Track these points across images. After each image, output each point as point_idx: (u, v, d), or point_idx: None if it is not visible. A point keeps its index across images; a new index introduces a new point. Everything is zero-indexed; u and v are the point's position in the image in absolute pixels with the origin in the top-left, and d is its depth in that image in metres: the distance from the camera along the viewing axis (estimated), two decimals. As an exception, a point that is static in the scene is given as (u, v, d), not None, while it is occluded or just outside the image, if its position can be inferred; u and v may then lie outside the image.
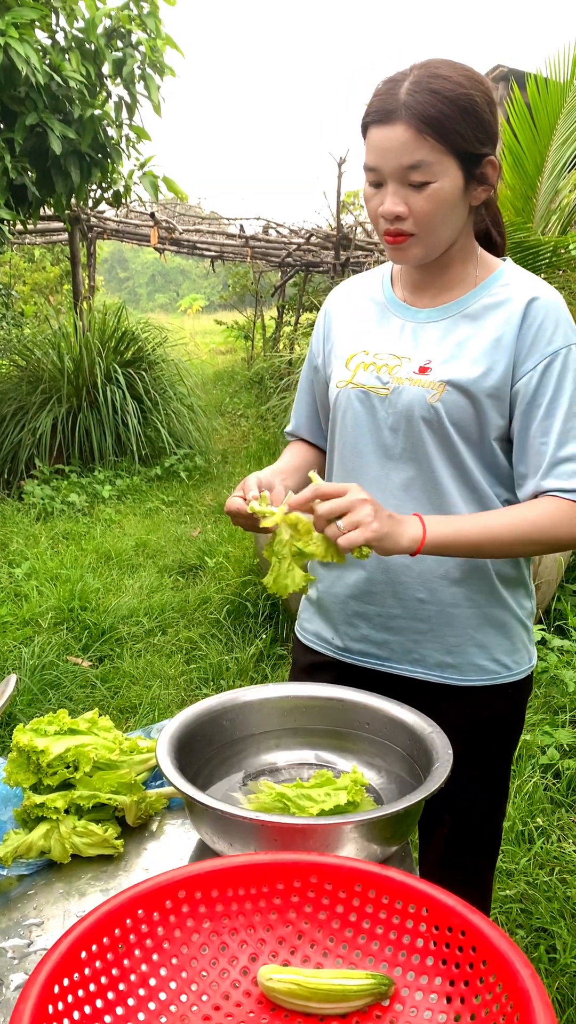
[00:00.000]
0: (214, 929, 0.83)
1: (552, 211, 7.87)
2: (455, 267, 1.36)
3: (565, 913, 2.18)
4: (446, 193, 1.23)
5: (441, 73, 1.21)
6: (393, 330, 1.39)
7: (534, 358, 1.29)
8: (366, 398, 1.37)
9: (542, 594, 3.79)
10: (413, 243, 1.27)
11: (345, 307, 1.49)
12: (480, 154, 1.25)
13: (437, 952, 0.79)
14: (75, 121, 5.15)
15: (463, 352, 1.31)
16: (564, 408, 1.28)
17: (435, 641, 1.38)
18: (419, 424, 1.32)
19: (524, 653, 1.44)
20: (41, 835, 1.07)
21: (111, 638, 3.95)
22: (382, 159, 1.23)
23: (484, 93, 1.24)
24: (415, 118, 1.19)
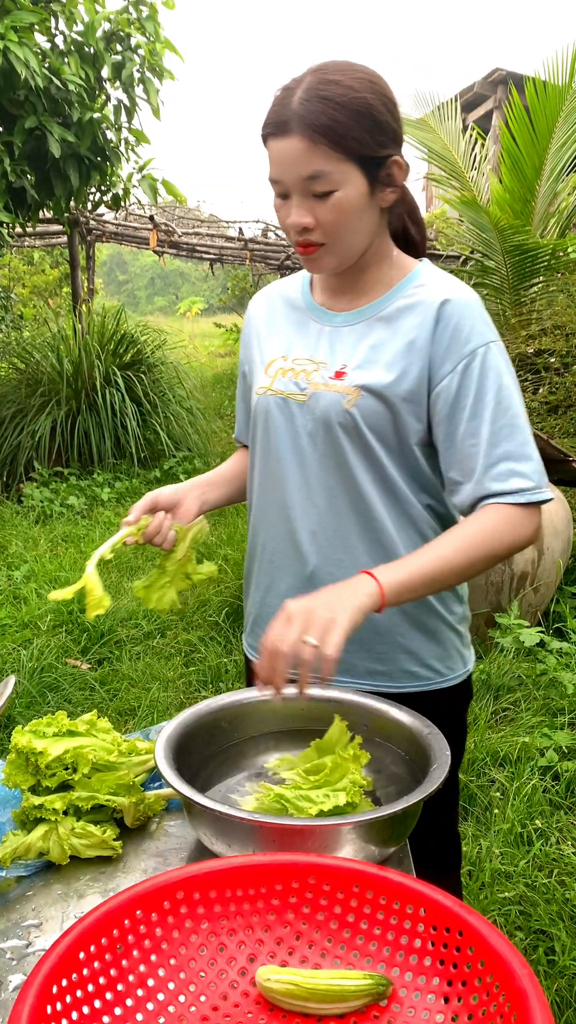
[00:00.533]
0: (212, 930, 0.83)
1: (551, 214, 7.88)
2: (371, 270, 1.34)
3: (564, 915, 2.18)
4: (350, 200, 1.21)
5: (333, 78, 1.18)
6: (311, 335, 1.38)
7: (452, 360, 1.26)
8: (284, 405, 1.36)
9: (540, 596, 3.79)
10: (324, 252, 1.26)
11: (266, 313, 1.48)
12: (381, 156, 1.22)
13: (435, 952, 0.79)
14: (74, 124, 5.16)
15: (377, 356, 1.30)
16: (491, 408, 1.25)
17: (363, 650, 1.36)
18: (336, 430, 1.31)
19: (458, 658, 1.43)
20: (39, 836, 1.07)
21: (110, 641, 3.96)
22: (282, 171, 1.21)
23: (380, 94, 1.21)
24: (307, 128, 1.16)
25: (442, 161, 8.14)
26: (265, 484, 1.42)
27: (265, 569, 1.45)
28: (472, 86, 12.14)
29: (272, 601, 1.43)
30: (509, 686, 3.33)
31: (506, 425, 1.25)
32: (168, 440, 7.26)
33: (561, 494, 3.97)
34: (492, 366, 1.27)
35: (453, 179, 8.18)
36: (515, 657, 3.50)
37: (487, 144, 8.65)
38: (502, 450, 1.25)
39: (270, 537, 1.43)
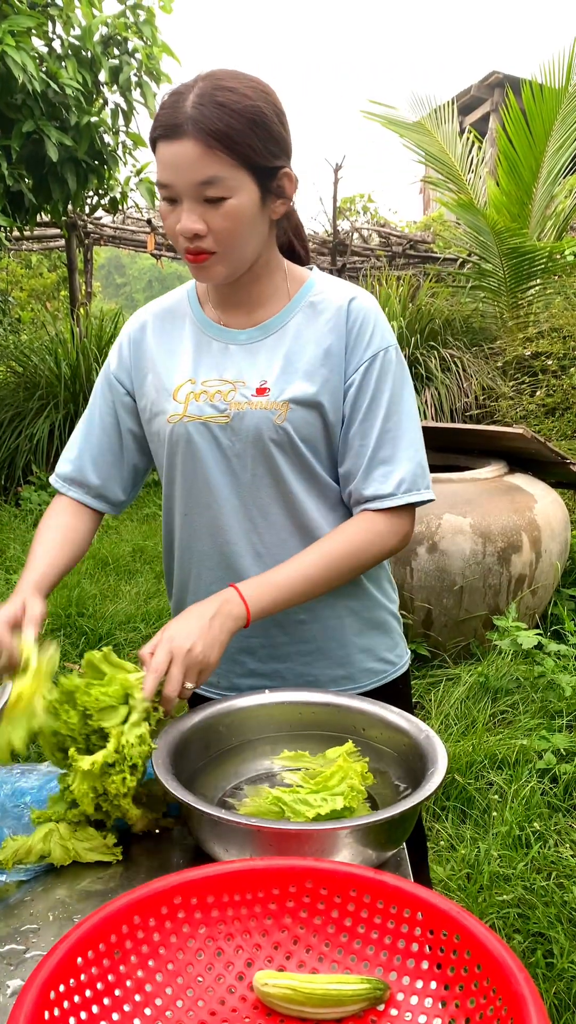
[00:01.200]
0: (210, 934, 0.83)
1: (548, 217, 7.90)
2: (263, 282, 1.33)
3: (562, 918, 2.18)
4: (243, 208, 1.19)
5: (227, 85, 1.17)
6: (215, 354, 1.34)
7: (355, 361, 1.30)
8: (206, 429, 1.31)
9: (538, 599, 3.80)
10: (216, 261, 1.24)
11: (156, 335, 1.40)
12: (274, 167, 1.22)
13: (432, 956, 0.79)
14: (72, 128, 5.16)
15: (295, 366, 1.30)
16: (383, 411, 1.29)
17: (324, 658, 1.38)
18: (269, 447, 1.30)
19: (401, 645, 1.48)
20: (40, 838, 1.07)
21: (108, 644, 3.95)
22: (174, 175, 1.17)
23: (272, 104, 1.21)
24: (203, 132, 1.14)
25: (439, 164, 8.15)
26: (192, 514, 1.37)
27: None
28: (469, 89, 12.17)
29: None
30: (507, 688, 3.34)
31: (391, 429, 1.30)
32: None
33: (559, 496, 3.98)
34: (390, 370, 1.31)
35: (450, 182, 8.20)
36: (513, 660, 3.51)
37: (484, 147, 8.67)
38: (385, 453, 1.30)
39: (206, 568, 1.39)
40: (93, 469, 1.44)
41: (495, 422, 6.31)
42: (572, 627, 3.73)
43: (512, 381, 6.71)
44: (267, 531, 1.34)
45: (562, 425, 6.12)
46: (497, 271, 7.49)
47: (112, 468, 1.45)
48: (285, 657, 1.39)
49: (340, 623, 1.38)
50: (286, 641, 1.38)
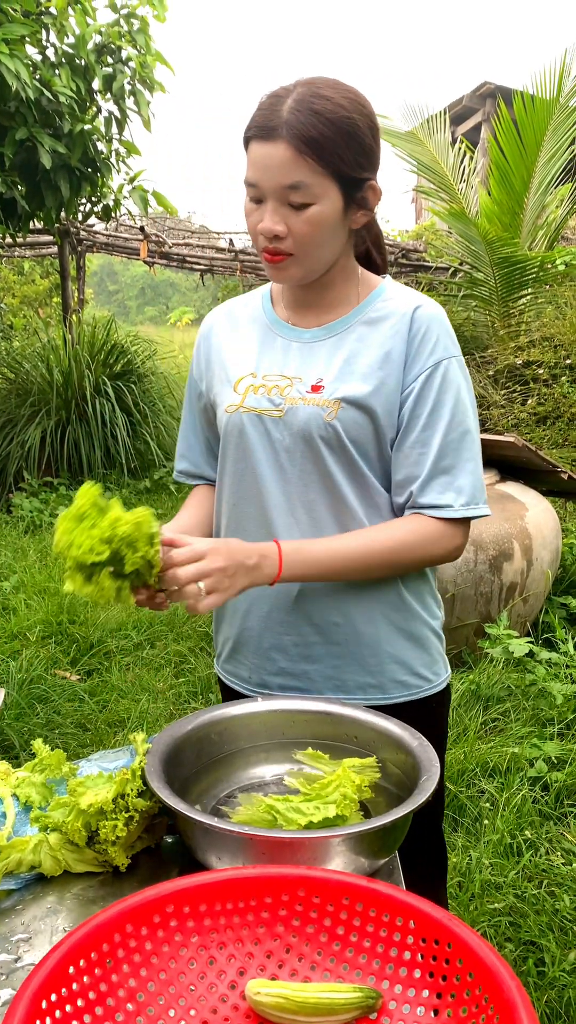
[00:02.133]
0: (202, 943, 0.83)
1: (539, 226, 7.95)
2: (336, 287, 1.35)
3: (554, 926, 2.18)
4: (326, 216, 1.22)
5: (324, 93, 1.19)
6: (279, 351, 1.37)
7: (417, 368, 1.30)
8: (259, 421, 1.34)
9: (530, 607, 3.80)
10: (291, 263, 1.26)
11: (226, 331, 1.46)
12: (361, 178, 1.24)
13: (424, 964, 0.79)
14: (65, 136, 5.17)
15: (353, 368, 1.31)
16: (445, 421, 1.29)
17: (355, 663, 1.37)
18: (318, 443, 1.31)
19: (440, 663, 1.46)
20: (31, 849, 1.07)
21: (100, 651, 3.95)
22: (262, 176, 1.21)
23: (367, 117, 1.23)
24: (296, 138, 1.17)
25: (431, 173, 8.19)
26: (240, 505, 1.40)
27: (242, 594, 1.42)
28: (461, 99, 12.24)
29: (253, 625, 1.41)
30: (498, 696, 3.34)
31: (455, 440, 1.30)
32: (158, 450, 7.27)
33: (549, 505, 3.99)
34: (453, 380, 1.30)
35: (442, 191, 8.24)
36: (504, 667, 3.51)
37: (476, 157, 8.72)
38: (446, 463, 1.29)
39: None
40: (204, 460, 1.54)
41: (487, 430, 6.33)
42: (563, 635, 3.74)
43: (503, 390, 6.74)
44: (311, 528, 1.34)
45: (553, 433, 6.15)
46: (489, 280, 7.52)
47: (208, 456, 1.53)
48: (316, 659, 1.38)
49: (375, 630, 1.37)
50: (318, 642, 1.37)
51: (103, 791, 1.09)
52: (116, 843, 1.05)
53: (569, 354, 6.50)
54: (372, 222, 1.36)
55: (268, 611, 1.39)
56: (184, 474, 1.57)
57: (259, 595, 1.38)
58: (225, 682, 1.51)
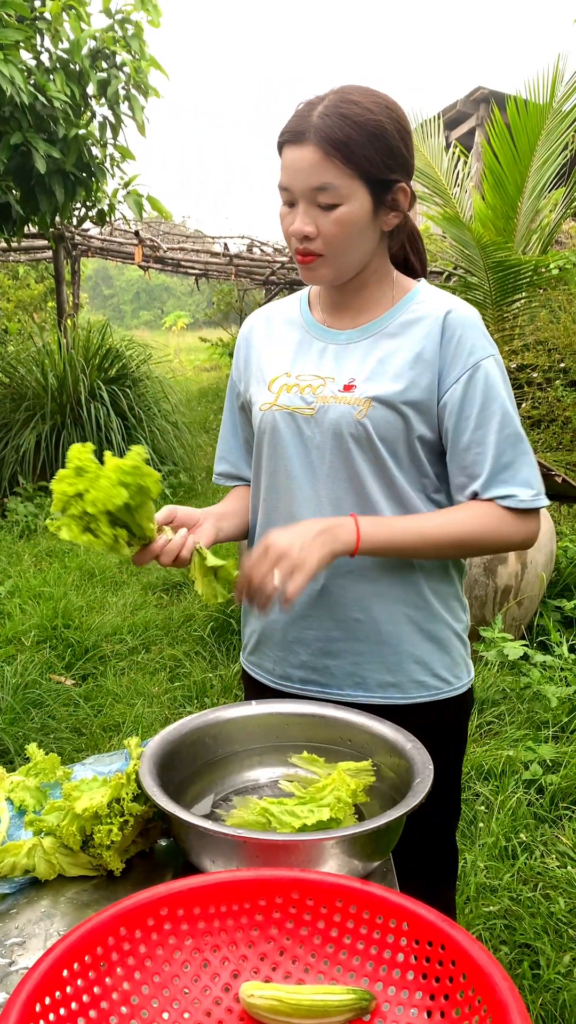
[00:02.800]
0: (196, 946, 0.83)
1: (533, 231, 7.97)
2: (370, 289, 1.38)
3: (548, 929, 2.18)
4: (354, 216, 1.25)
5: (353, 99, 1.24)
6: (314, 352, 1.40)
7: (457, 370, 1.31)
8: (291, 419, 1.37)
9: (524, 610, 3.81)
10: (322, 263, 1.29)
11: (264, 333, 1.49)
12: (389, 180, 1.27)
13: (418, 966, 0.80)
14: (60, 140, 5.17)
15: (385, 368, 1.33)
16: (496, 418, 1.31)
17: (375, 661, 1.38)
18: (347, 441, 1.33)
19: (463, 667, 1.46)
20: (24, 853, 1.07)
21: (94, 656, 3.94)
22: (293, 179, 1.25)
23: (395, 121, 1.26)
24: (323, 140, 1.21)
25: (425, 178, 8.21)
26: (271, 500, 1.43)
27: None
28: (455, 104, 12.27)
29: (278, 618, 1.43)
30: (493, 699, 3.34)
31: (511, 435, 1.32)
32: (153, 454, 7.27)
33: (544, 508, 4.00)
34: (495, 378, 1.32)
35: (436, 196, 8.25)
36: (499, 670, 3.52)
37: (470, 161, 8.74)
38: (507, 458, 1.31)
39: None
40: (243, 461, 1.57)
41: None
42: (557, 638, 3.75)
43: (498, 393, 6.74)
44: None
45: (547, 437, 6.17)
46: (483, 284, 7.54)
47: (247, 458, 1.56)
48: (337, 654, 1.39)
49: (396, 629, 1.37)
50: (339, 637, 1.38)
51: (98, 795, 1.09)
52: (111, 847, 1.05)
53: (563, 358, 6.53)
54: (408, 225, 1.39)
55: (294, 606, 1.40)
56: (224, 476, 1.60)
57: None
58: (250, 674, 1.54)
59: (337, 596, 1.37)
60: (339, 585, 1.36)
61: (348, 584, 1.36)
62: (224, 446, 1.60)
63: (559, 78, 7.19)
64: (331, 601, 1.37)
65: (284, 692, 1.45)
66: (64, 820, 1.07)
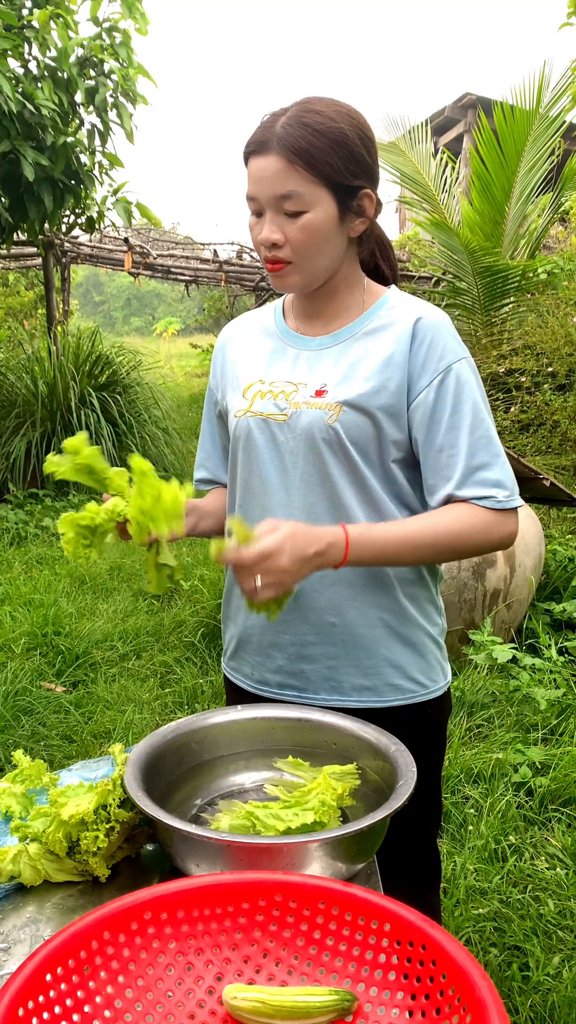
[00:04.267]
0: (179, 949, 0.84)
1: (520, 236, 8.01)
2: (341, 295, 1.40)
3: (538, 931, 2.19)
4: (320, 222, 1.27)
5: (315, 108, 1.26)
6: (288, 359, 1.42)
7: (428, 375, 1.32)
8: (265, 425, 1.39)
9: (513, 613, 3.83)
10: (291, 270, 1.31)
11: (240, 342, 1.51)
12: (353, 186, 1.28)
13: (399, 967, 0.80)
14: (48, 148, 5.18)
15: (356, 373, 1.34)
16: (468, 420, 1.32)
17: (350, 665, 1.39)
18: (320, 446, 1.34)
19: (439, 670, 1.47)
20: (10, 860, 1.07)
21: (85, 663, 3.94)
22: (259, 188, 1.27)
23: (357, 128, 1.29)
24: (286, 149, 1.23)
25: (413, 184, 8.25)
26: (246, 504, 1.44)
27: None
28: (443, 110, 12.33)
29: (255, 623, 1.44)
30: (483, 703, 3.35)
31: (482, 437, 1.32)
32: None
33: (532, 511, 4.02)
34: (466, 381, 1.33)
35: (424, 201, 8.29)
36: (488, 674, 3.53)
37: (458, 167, 8.79)
38: (479, 460, 1.32)
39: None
40: (222, 468, 1.58)
41: (470, 438, 6.35)
42: (546, 641, 3.76)
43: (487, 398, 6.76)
44: None
45: (536, 441, 6.19)
46: (471, 289, 7.57)
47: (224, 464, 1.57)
48: (313, 658, 1.40)
49: (371, 633, 1.39)
50: (314, 642, 1.39)
51: (84, 802, 1.09)
52: (97, 854, 1.06)
53: (551, 362, 6.55)
54: (376, 232, 1.41)
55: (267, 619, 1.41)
56: (203, 482, 1.63)
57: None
58: (230, 679, 1.55)
59: (312, 601, 1.38)
60: (314, 590, 1.37)
61: (323, 588, 1.37)
62: (203, 454, 1.62)
63: (545, 84, 7.24)
64: (306, 606, 1.38)
65: (262, 697, 1.45)
66: (50, 827, 1.08)
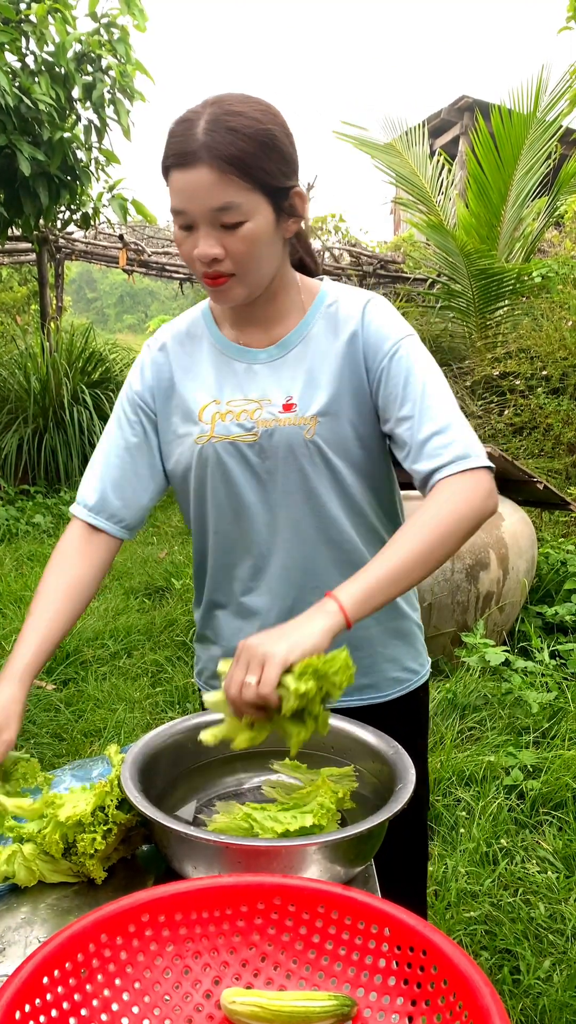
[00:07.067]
0: (177, 952, 0.83)
1: (516, 239, 8.03)
2: (279, 299, 1.33)
3: (529, 934, 2.19)
4: (260, 230, 1.20)
5: (237, 109, 1.17)
6: (238, 375, 1.35)
7: (380, 355, 1.29)
8: (234, 449, 1.32)
9: (506, 616, 3.83)
10: (234, 283, 1.24)
11: (174, 357, 1.40)
12: (286, 187, 1.23)
13: (399, 972, 0.80)
14: (44, 143, 5.16)
15: (318, 379, 1.31)
16: (421, 387, 1.27)
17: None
18: (301, 461, 1.30)
19: (423, 652, 1.50)
20: (4, 860, 1.06)
21: (76, 661, 3.92)
22: (190, 203, 1.17)
23: (282, 126, 1.22)
24: (216, 158, 1.14)
25: (410, 185, 8.25)
26: (224, 533, 1.38)
27: (233, 614, 1.42)
28: (439, 112, 12.33)
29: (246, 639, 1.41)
30: (475, 705, 3.35)
31: (434, 403, 1.26)
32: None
33: (525, 515, 4.02)
34: (418, 353, 1.30)
35: (420, 203, 8.30)
36: (481, 676, 3.53)
37: (454, 169, 8.79)
38: (437, 425, 1.25)
39: (238, 581, 1.40)
40: (115, 493, 1.40)
41: (464, 440, 6.36)
42: (539, 644, 3.77)
43: (480, 400, 6.79)
44: (297, 545, 1.34)
45: (529, 444, 6.20)
46: (466, 292, 7.58)
47: (135, 490, 1.41)
48: None
49: (367, 633, 1.38)
50: None
51: (81, 803, 1.08)
52: (94, 856, 1.04)
53: (545, 365, 6.57)
54: (300, 230, 1.35)
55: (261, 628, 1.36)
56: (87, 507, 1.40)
57: (249, 615, 1.39)
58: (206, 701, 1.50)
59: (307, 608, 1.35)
60: (307, 603, 1.34)
61: (315, 600, 1.34)
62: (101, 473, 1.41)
63: (543, 88, 7.26)
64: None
65: None
66: (47, 828, 1.07)
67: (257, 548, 1.36)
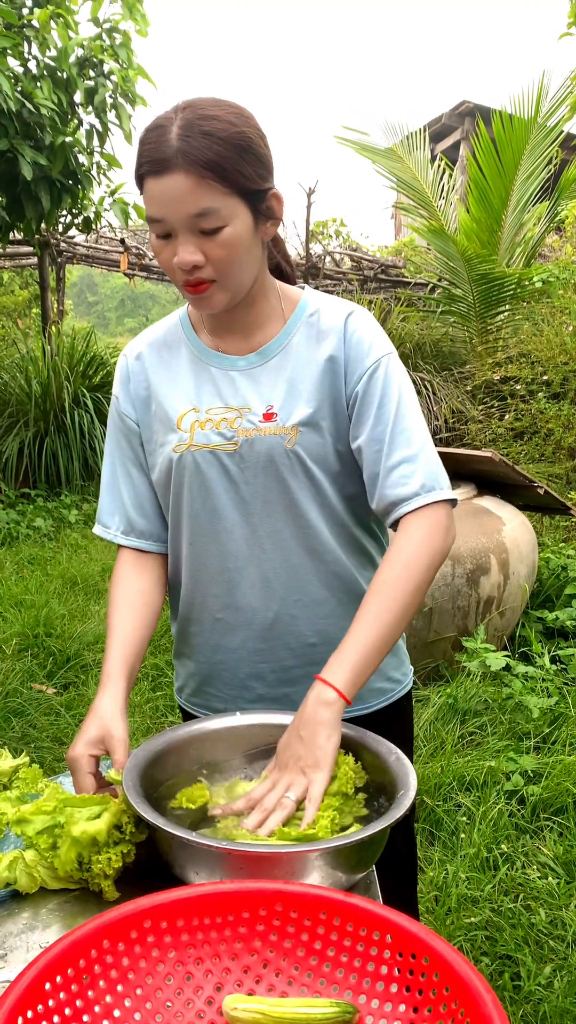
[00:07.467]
0: (179, 959, 0.83)
1: (517, 244, 8.04)
2: (259, 304, 1.32)
3: (529, 940, 2.19)
4: (239, 235, 1.18)
5: (210, 113, 1.15)
6: (217, 382, 1.33)
7: (359, 371, 1.29)
8: (213, 458, 1.30)
9: (506, 621, 3.83)
10: (216, 289, 1.22)
11: (151, 366, 1.39)
12: (263, 189, 1.21)
13: (401, 979, 0.80)
14: (46, 148, 5.17)
15: (299, 389, 1.30)
16: (393, 412, 1.27)
17: None
18: (281, 471, 1.30)
19: (406, 661, 1.50)
20: (6, 866, 1.06)
21: (76, 665, 3.92)
22: (167, 210, 1.15)
23: (255, 128, 1.21)
24: (193, 164, 1.12)
25: (410, 190, 8.27)
26: (200, 543, 1.36)
27: (209, 630, 1.40)
28: (440, 117, 12.36)
29: (224, 659, 1.40)
30: (475, 710, 3.35)
31: (405, 430, 1.27)
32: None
33: (526, 519, 4.02)
34: (394, 375, 1.30)
35: (421, 208, 8.31)
36: (481, 681, 3.53)
37: (455, 174, 8.81)
38: (403, 453, 1.26)
39: (211, 595, 1.38)
40: (136, 512, 1.41)
41: (464, 445, 6.38)
42: (539, 649, 3.76)
43: (481, 405, 6.79)
44: (277, 557, 1.33)
45: (530, 449, 6.21)
46: (467, 296, 7.59)
47: (152, 504, 1.42)
48: (295, 681, 1.37)
49: None
50: (296, 664, 1.37)
51: (95, 819, 1.06)
52: (109, 876, 1.03)
53: (546, 370, 6.57)
54: (276, 235, 1.34)
55: (240, 643, 1.38)
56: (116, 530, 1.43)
57: (231, 628, 1.38)
58: (193, 714, 1.48)
59: (289, 627, 1.35)
60: (290, 616, 1.35)
61: (299, 613, 1.35)
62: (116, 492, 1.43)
63: (544, 94, 7.27)
64: (284, 632, 1.35)
65: None
66: (63, 846, 1.04)
67: (233, 561, 1.34)
